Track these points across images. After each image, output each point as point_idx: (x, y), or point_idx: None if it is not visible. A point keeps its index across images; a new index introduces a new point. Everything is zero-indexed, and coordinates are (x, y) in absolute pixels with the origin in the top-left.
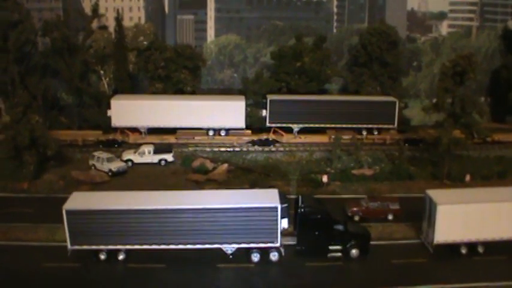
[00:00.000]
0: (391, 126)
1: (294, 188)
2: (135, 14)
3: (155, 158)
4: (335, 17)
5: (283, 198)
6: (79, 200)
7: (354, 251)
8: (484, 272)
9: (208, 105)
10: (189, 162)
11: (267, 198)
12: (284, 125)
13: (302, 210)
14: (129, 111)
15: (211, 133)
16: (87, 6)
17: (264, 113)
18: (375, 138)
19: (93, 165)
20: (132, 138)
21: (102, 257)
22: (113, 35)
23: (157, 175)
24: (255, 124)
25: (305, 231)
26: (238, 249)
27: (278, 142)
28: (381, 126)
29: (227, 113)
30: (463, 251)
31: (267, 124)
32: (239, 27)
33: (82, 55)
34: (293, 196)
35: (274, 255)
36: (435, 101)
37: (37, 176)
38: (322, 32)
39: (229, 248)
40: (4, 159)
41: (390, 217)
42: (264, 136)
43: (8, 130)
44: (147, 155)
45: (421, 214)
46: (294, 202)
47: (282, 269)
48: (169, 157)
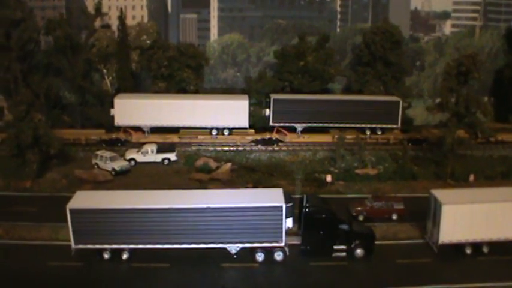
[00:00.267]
0: (395, 125)
1: (299, 188)
2: (138, 13)
3: (158, 157)
4: (338, 16)
5: (288, 197)
6: (83, 199)
7: (359, 251)
8: (489, 272)
9: (211, 104)
10: (192, 161)
11: (272, 197)
12: (287, 125)
13: (307, 209)
14: (132, 110)
15: (214, 132)
16: (90, 4)
17: (268, 112)
18: (379, 137)
19: (96, 164)
20: (135, 137)
21: (106, 256)
22: (116, 34)
23: (160, 174)
24: (258, 123)
25: (310, 230)
26: (242, 248)
27: (281, 141)
28: (385, 125)
29: (230, 112)
30: (468, 251)
31: (271, 123)
32: (242, 26)
33: (85, 54)
34: (297, 195)
35: (278, 254)
36: (439, 101)
37: (40, 175)
38: (325, 31)
39: (233, 248)
40: (7, 157)
41: (394, 217)
42: (267, 135)
43: (11, 128)
44: (150, 154)
45: (426, 214)
46: (299, 202)
47: (287, 269)
48: (172, 156)
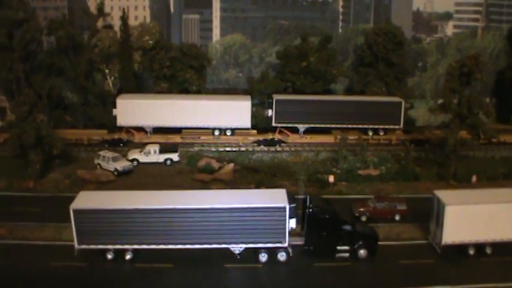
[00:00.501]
0: (397, 126)
1: (302, 188)
2: (141, 13)
3: (161, 158)
4: (341, 17)
5: (291, 198)
6: (86, 199)
7: (362, 252)
8: (492, 273)
9: (214, 105)
10: (195, 161)
11: (275, 198)
12: (290, 125)
13: (310, 210)
14: (135, 110)
15: (217, 133)
16: (92, 5)
17: (270, 113)
18: (381, 138)
19: (98, 164)
20: (138, 137)
21: (109, 257)
22: (118, 34)
23: (163, 175)
24: (261, 124)
25: (313, 231)
26: (246, 249)
27: (284, 142)
28: (387, 126)
29: (233, 113)
30: (471, 252)
31: (273, 124)
32: (244, 26)
33: (87, 54)
34: (300, 196)
35: (282, 255)
36: (442, 102)
37: (42, 175)
38: (327, 32)
39: (237, 248)
40: (10, 157)
41: (397, 217)
42: (270, 136)
43: (14, 129)
44: (153, 155)
45: (428, 215)
46: (302, 202)
47: (290, 269)
48: (175, 157)
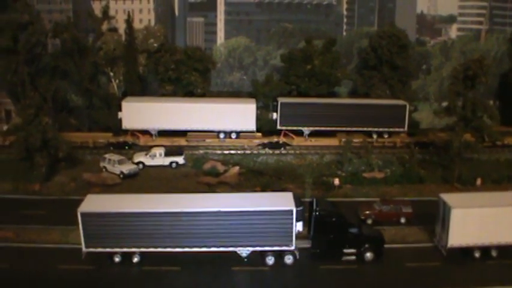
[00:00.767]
0: (401, 129)
1: (308, 191)
2: (145, 16)
3: (166, 161)
4: (345, 20)
5: (298, 201)
6: (94, 203)
7: (368, 254)
8: (498, 276)
9: (219, 107)
10: (200, 164)
11: (282, 201)
12: (295, 128)
13: (317, 213)
14: (140, 113)
15: (222, 136)
16: (97, 8)
17: (275, 116)
18: (385, 141)
19: (104, 167)
20: (143, 140)
21: (116, 260)
22: (123, 37)
23: (168, 177)
24: (265, 127)
25: (320, 234)
26: (253, 252)
27: (289, 145)
28: (391, 129)
29: (238, 116)
30: (477, 255)
31: (278, 127)
32: (249, 29)
33: (92, 57)
34: (307, 199)
35: (289, 258)
36: (446, 105)
37: (48, 178)
38: (332, 35)
39: (244, 251)
40: (15, 160)
41: (403, 220)
42: (275, 139)
43: (20, 132)
44: (158, 158)
45: (433, 217)
46: (309, 205)
47: (297, 272)
48: (180, 159)
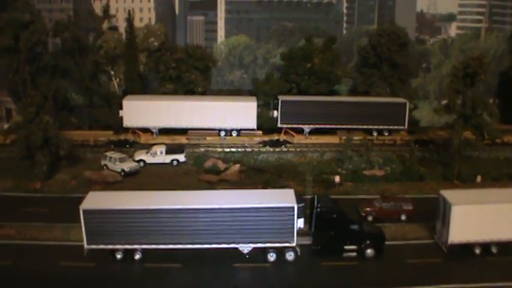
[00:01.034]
0: (402, 127)
1: (309, 189)
2: (146, 15)
3: (167, 158)
4: (345, 18)
5: (299, 198)
6: (96, 200)
7: (369, 251)
8: (498, 272)
9: (220, 106)
10: (201, 162)
11: (284, 198)
12: (295, 126)
13: (318, 210)
14: (141, 111)
15: (222, 134)
16: (97, 7)
17: (276, 114)
18: (385, 139)
19: (105, 165)
20: (144, 138)
21: (118, 257)
22: (124, 36)
23: (169, 175)
24: (266, 125)
25: (321, 231)
26: (254, 249)
27: (289, 143)
28: (391, 127)
29: (239, 114)
30: (477, 251)
31: (278, 125)
32: (249, 28)
33: (92, 55)
34: (308, 196)
35: (290, 254)
36: (446, 103)
37: (49, 176)
38: (331, 33)
39: (245, 248)
40: (17, 159)
41: (403, 217)
42: (275, 137)
43: (21, 130)
44: (159, 155)
45: (434, 214)
46: (310, 202)
47: (298, 269)
48: (181, 157)
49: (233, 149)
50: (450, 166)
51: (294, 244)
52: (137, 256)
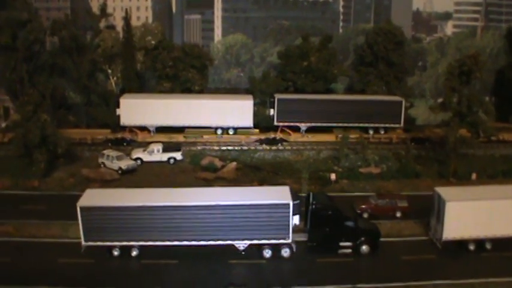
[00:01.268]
0: (398, 125)
1: (305, 186)
2: (143, 14)
3: (164, 156)
4: (341, 17)
5: (294, 195)
6: (93, 197)
7: (364, 247)
8: (492, 268)
9: (216, 104)
10: (198, 160)
11: (279, 195)
12: (292, 124)
13: (313, 207)
14: (138, 110)
15: (219, 132)
16: (94, 5)
17: (272, 112)
18: (382, 137)
19: (102, 163)
20: (141, 136)
21: (115, 253)
22: (121, 35)
23: (166, 173)
24: (262, 123)
25: (316, 227)
26: (250, 245)
27: (285, 141)
28: (387, 125)
29: (235, 112)
30: (471, 247)
31: (275, 123)
32: (246, 26)
33: (90, 54)
34: (303, 194)
35: (285, 251)
36: (442, 101)
37: (47, 174)
38: (328, 32)
39: (241, 244)
40: (14, 157)
41: (398, 214)
42: (272, 135)
43: (19, 128)
44: (156, 154)
45: (429, 211)
46: (305, 199)
47: (294, 265)
48: (178, 155)
49: (230, 147)
50: (446, 164)
51: (290, 241)
52: (134, 253)
